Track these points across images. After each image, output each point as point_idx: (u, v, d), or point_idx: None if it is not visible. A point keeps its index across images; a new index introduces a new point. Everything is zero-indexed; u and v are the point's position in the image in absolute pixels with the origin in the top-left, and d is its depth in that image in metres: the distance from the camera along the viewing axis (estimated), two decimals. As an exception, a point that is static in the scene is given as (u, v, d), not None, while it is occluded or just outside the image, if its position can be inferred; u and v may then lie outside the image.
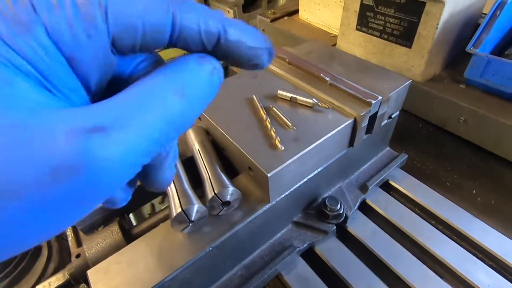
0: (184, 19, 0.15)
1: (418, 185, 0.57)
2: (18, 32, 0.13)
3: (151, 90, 0.14)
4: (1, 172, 0.11)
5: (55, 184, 0.11)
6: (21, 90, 0.12)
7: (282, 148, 0.40)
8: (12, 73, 0.12)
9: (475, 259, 0.46)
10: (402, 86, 0.49)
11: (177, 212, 0.36)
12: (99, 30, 0.14)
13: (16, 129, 0.11)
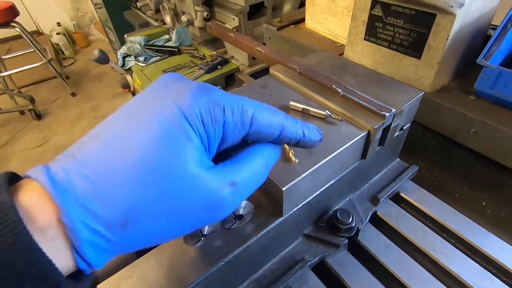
0: (286, 131, 0.25)
1: (429, 198, 0.56)
2: (211, 123, 0.21)
3: (255, 163, 0.24)
4: (190, 200, 0.20)
5: (206, 212, 0.21)
6: (198, 151, 0.21)
7: (296, 161, 0.39)
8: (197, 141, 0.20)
9: (491, 275, 0.45)
10: (415, 98, 0.49)
11: None
12: (244, 130, 0.23)
13: (195, 179, 0.20)
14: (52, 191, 0.17)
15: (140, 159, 0.18)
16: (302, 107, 0.48)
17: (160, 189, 0.18)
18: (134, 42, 1.01)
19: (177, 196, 0.19)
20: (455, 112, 0.64)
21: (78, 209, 0.17)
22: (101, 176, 0.18)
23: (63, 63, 3.55)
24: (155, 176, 0.18)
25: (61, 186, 0.17)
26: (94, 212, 0.17)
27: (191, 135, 0.20)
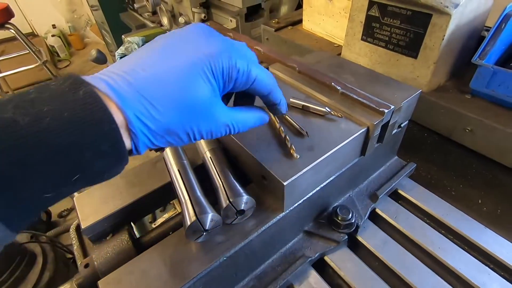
0: (272, 94, 0.35)
1: (427, 194, 0.57)
2: (228, 80, 0.30)
3: (250, 114, 0.35)
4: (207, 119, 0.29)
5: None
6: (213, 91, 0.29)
7: (297, 157, 0.40)
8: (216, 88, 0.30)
9: (488, 270, 0.46)
10: (413, 95, 0.49)
11: (191, 221, 0.35)
12: (246, 86, 0.32)
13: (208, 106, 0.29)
14: (121, 105, 0.24)
15: (177, 92, 0.26)
16: (302, 104, 0.48)
17: (187, 113, 0.27)
18: (132, 43, 1.01)
19: (200, 117, 0.28)
20: (451, 111, 0.65)
21: (138, 122, 0.25)
22: (152, 100, 0.26)
23: (59, 65, 3.52)
24: (185, 104, 0.27)
25: (128, 104, 0.25)
26: (148, 127, 0.26)
27: (212, 82, 0.28)
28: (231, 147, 0.47)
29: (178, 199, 0.40)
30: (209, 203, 0.38)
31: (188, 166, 0.44)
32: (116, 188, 0.46)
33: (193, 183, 0.41)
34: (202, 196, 0.39)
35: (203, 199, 0.38)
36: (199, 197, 0.38)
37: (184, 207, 0.38)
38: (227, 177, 0.41)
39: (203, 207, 0.37)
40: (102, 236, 0.44)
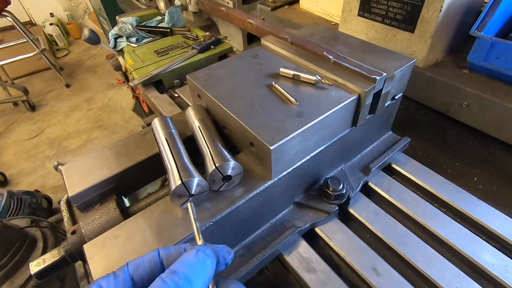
0: None
1: (421, 169, 0.56)
2: None
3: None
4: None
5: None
6: None
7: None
8: None
9: (480, 240, 0.45)
10: (406, 65, 0.48)
11: (176, 185, 0.35)
12: None
13: None
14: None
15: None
16: (293, 73, 0.47)
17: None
18: (125, 23, 1.00)
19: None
20: (448, 86, 0.64)
21: None
22: None
23: (57, 54, 3.50)
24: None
25: None
26: None
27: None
28: (220, 116, 0.46)
29: (165, 166, 0.39)
30: (196, 170, 0.38)
31: (177, 135, 0.43)
32: (104, 158, 0.46)
33: (181, 150, 0.40)
34: (189, 162, 0.38)
35: (190, 165, 0.38)
36: (186, 162, 0.38)
37: (170, 173, 0.37)
38: (215, 144, 0.40)
39: (189, 171, 0.36)
40: (90, 205, 0.44)
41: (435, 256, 0.44)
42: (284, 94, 0.44)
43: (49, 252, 0.40)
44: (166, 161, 0.39)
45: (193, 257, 0.26)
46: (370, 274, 0.42)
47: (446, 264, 0.43)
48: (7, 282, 1.13)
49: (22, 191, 1.65)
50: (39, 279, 0.39)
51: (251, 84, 0.47)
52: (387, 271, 0.43)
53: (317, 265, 0.44)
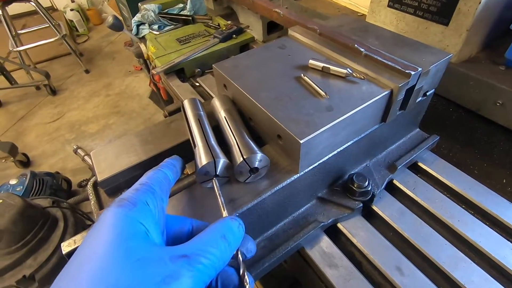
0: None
1: (449, 168, 0.54)
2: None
3: (208, 236, 0.25)
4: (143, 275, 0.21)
5: (164, 285, 0.21)
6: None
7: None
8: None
9: (510, 245, 0.44)
10: (442, 59, 0.46)
11: (205, 162, 0.35)
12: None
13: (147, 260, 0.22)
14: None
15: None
16: (322, 65, 0.46)
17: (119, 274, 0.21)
18: (148, 10, 0.99)
19: (132, 276, 0.21)
20: (482, 83, 0.61)
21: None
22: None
23: (77, 40, 3.55)
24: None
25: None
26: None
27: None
28: (247, 107, 0.46)
29: (193, 143, 0.40)
30: (222, 152, 0.38)
31: (205, 117, 0.44)
32: (131, 145, 0.46)
33: (208, 131, 0.41)
34: (216, 144, 0.39)
35: (217, 147, 0.38)
36: (213, 144, 0.38)
37: (197, 151, 0.38)
38: (242, 135, 0.40)
39: (216, 152, 0.37)
40: (117, 191, 0.45)
41: (462, 259, 0.43)
42: (314, 87, 0.43)
43: (79, 234, 0.41)
44: (195, 138, 0.40)
45: (229, 220, 0.27)
46: (393, 273, 0.42)
47: (474, 267, 0.42)
48: (30, 258, 1.19)
49: (44, 172, 1.71)
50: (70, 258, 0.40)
51: (279, 76, 0.46)
52: (411, 271, 0.42)
53: (339, 261, 0.44)
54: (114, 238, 0.22)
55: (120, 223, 0.23)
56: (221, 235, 0.25)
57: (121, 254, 0.21)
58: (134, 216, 0.24)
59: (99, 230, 0.23)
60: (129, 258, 0.21)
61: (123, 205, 0.24)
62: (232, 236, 0.26)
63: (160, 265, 0.22)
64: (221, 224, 0.26)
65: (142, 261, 0.22)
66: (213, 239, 0.25)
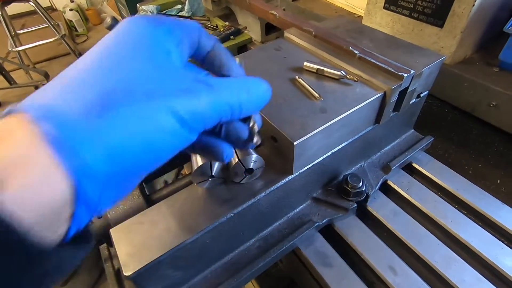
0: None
1: (443, 169, 0.55)
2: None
3: (235, 81, 0.24)
4: (164, 82, 0.20)
5: (183, 94, 0.20)
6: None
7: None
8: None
9: (502, 245, 0.44)
10: (435, 62, 0.47)
11: (201, 163, 0.36)
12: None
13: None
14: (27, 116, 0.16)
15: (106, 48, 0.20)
16: (317, 67, 0.46)
17: (135, 66, 0.19)
18: (146, 11, 1.00)
19: (148, 76, 0.19)
20: (476, 84, 0.62)
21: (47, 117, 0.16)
22: (64, 79, 0.18)
23: (76, 40, 3.56)
24: (129, 57, 0.19)
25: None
26: (62, 118, 0.16)
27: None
28: (242, 109, 0.46)
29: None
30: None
31: None
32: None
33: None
34: None
35: None
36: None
37: (193, 154, 0.38)
38: (237, 137, 0.41)
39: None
40: (115, 191, 0.45)
41: (454, 259, 0.43)
42: (308, 89, 0.43)
43: (76, 234, 0.41)
44: None
45: (261, 81, 0.25)
46: (386, 272, 0.43)
47: (466, 267, 0.43)
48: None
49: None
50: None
51: (274, 77, 0.46)
52: (404, 270, 0.43)
53: (333, 260, 0.45)
54: (133, 40, 0.20)
55: (142, 30, 0.21)
56: (247, 88, 0.23)
57: (142, 55, 0.19)
58: (158, 31, 0.21)
59: (113, 33, 0.20)
60: (150, 60, 0.20)
61: (147, 18, 0.22)
62: (252, 93, 0.24)
63: (182, 78, 0.20)
64: (252, 80, 0.24)
65: (163, 67, 0.20)
66: (240, 86, 0.23)
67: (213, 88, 0.21)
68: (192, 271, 0.41)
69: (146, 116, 0.18)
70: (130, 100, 0.18)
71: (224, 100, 0.22)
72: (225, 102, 0.22)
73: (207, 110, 0.21)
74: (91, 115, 0.17)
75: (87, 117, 0.16)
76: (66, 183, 0.15)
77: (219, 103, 0.21)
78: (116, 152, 0.17)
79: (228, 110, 0.22)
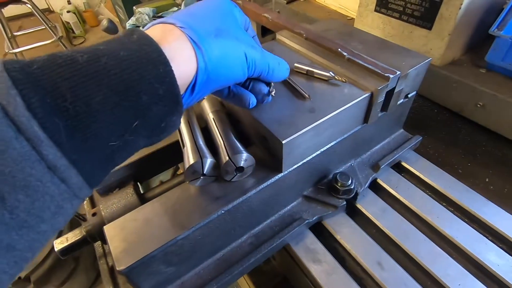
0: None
1: (431, 167, 0.56)
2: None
3: (273, 56, 0.38)
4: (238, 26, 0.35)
5: (249, 46, 0.33)
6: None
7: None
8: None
9: (486, 240, 0.46)
10: (421, 63, 0.48)
11: (192, 162, 0.37)
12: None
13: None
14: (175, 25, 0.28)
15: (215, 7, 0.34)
16: (307, 69, 0.48)
17: (225, 21, 0.33)
18: (142, 13, 1.01)
19: (235, 28, 0.33)
20: (464, 85, 0.63)
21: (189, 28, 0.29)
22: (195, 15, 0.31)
23: (74, 42, 3.56)
24: (221, 14, 0.33)
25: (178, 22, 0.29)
26: (196, 29, 0.29)
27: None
28: (234, 110, 0.47)
29: (182, 144, 0.41)
30: (210, 152, 0.40)
31: (194, 119, 0.46)
32: (122, 146, 0.48)
33: (197, 132, 0.43)
34: (204, 145, 0.41)
35: (204, 147, 0.40)
36: (201, 144, 0.40)
37: (185, 151, 0.39)
38: (228, 136, 0.42)
39: (204, 152, 0.39)
40: (109, 190, 0.46)
41: (439, 254, 0.45)
42: (298, 90, 0.45)
43: (71, 232, 0.42)
44: (184, 140, 0.42)
45: (283, 60, 0.40)
46: (374, 267, 0.44)
47: (451, 262, 0.44)
48: (26, 259, 1.20)
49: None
50: (62, 255, 0.42)
51: (265, 79, 0.48)
52: (391, 265, 0.44)
53: (323, 256, 0.46)
54: (222, 3, 0.34)
55: (229, 4, 0.35)
56: (279, 61, 0.38)
57: (232, 17, 0.34)
58: (235, 8, 0.36)
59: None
60: (234, 21, 0.34)
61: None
62: (280, 66, 0.38)
63: (247, 36, 0.34)
64: (282, 59, 0.39)
65: (238, 26, 0.34)
66: (275, 58, 0.38)
67: (263, 52, 0.35)
68: (184, 266, 0.42)
69: (235, 48, 0.31)
70: (228, 35, 0.31)
71: (267, 61, 0.35)
72: (268, 63, 0.35)
73: (258, 60, 0.33)
74: (211, 35, 0.29)
75: (208, 36, 0.29)
76: (192, 74, 0.28)
77: (265, 62, 0.35)
78: (217, 59, 0.29)
79: (266, 69, 0.35)
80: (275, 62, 0.37)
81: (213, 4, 0.33)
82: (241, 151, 0.39)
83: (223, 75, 0.31)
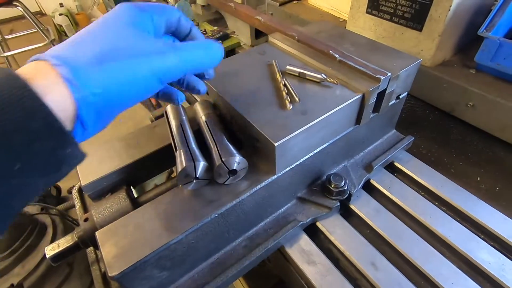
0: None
1: (423, 167, 0.57)
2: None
3: (194, 46, 0.32)
4: (140, 45, 0.28)
5: (155, 55, 0.28)
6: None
7: (290, 107, 0.41)
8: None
9: (478, 239, 0.46)
10: (412, 65, 0.49)
11: (184, 165, 0.37)
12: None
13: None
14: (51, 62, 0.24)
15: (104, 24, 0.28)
16: (299, 71, 0.48)
17: (119, 38, 0.27)
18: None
19: (132, 42, 0.28)
20: (454, 85, 0.64)
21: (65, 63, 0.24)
22: (74, 43, 0.27)
23: (66, 45, 3.54)
24: (114, 32, 0.28)
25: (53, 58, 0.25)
26: (71, 63, 0.25)
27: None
28: (227, 112, 0.47)
29: (175, 147, 0.41)
30: (202, 155, 0.40)
31: (187, 122, 0.45)
32: (114, 150, 0.47)
33: (190, 135, 0.42)
34: (197, 148, 0.40)
35: (197, 150, 0.40)
36: (194, 148, 0.40)
37: (178, 154, 0.39)
38: (221, 139, 0.42)
39: (196, 155, 0.38)
40: (101, 195, 0.46)
41: (432, 253, 0.45)
42: (289, 92, 0.45)
43: (63, 238, 0.42)
44: (176, 143, 0.41)
45: (216, 43, 0.33)
46: (368, 268, 0.44)
47: (443, 261, 0.44)
48: (18, 266, 1.18)
49: (32, 178, 1.69)
50: (54, 262, 0.41)
51: (258, 81, 0.48)
52: (385, 266, 0.44)
53: (317, 258, 0.46)
54: (118, 16, 0.29)
55: (127, 11, 0.29)
56: (204, 47, 0.32)
57: (126, 27, 0.28)
58: (137, 12, 0.30)
59: (107, 13, 0.30)
60: (132, 31, 0.28)
61: (131, 3, 0.30)
62: (213, 55, 0.33)
63: (154, 43, 0.29)
64: (208, 41, 0.33)
65: (141, 36, 0.28)
66: (198, 46, 0.32)
67: (178, 49, 0.29)
68: (178, 271, 0.41)
69: (129, 69, 0.26)
70: (118, 57, 0.26)
71: (189, 59, 0.30)
72: (191, 60, 0.30)
73: (173, 67, 0.29)
74: (91, 65, 0.25)
75: (87, 66, 0.25)
76: (73, 109, 0.24)
77: (186, 61, 0.30)
78: (106, 92, 0.26)
79: (191, 66, 0.31)
80: (200, 53, 0.31)
81: (104, 22, 0.29)
82: (234, 154, 0.39)
83: (125, 97, 0.27)
